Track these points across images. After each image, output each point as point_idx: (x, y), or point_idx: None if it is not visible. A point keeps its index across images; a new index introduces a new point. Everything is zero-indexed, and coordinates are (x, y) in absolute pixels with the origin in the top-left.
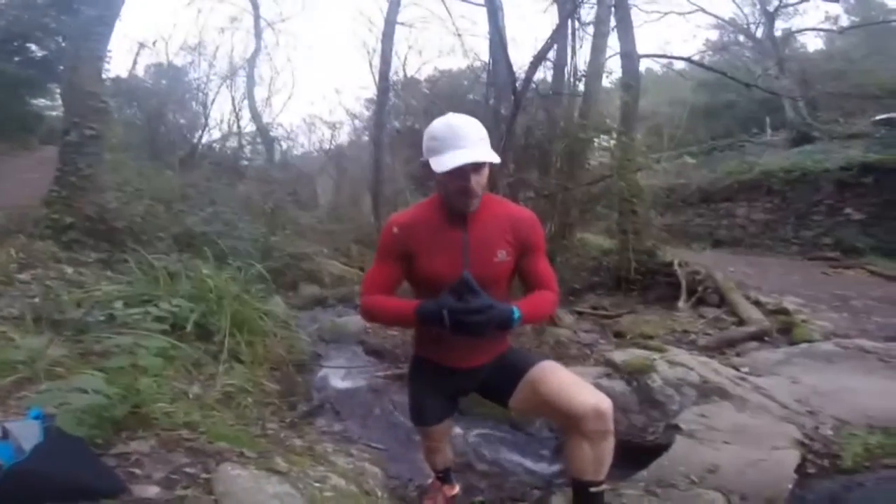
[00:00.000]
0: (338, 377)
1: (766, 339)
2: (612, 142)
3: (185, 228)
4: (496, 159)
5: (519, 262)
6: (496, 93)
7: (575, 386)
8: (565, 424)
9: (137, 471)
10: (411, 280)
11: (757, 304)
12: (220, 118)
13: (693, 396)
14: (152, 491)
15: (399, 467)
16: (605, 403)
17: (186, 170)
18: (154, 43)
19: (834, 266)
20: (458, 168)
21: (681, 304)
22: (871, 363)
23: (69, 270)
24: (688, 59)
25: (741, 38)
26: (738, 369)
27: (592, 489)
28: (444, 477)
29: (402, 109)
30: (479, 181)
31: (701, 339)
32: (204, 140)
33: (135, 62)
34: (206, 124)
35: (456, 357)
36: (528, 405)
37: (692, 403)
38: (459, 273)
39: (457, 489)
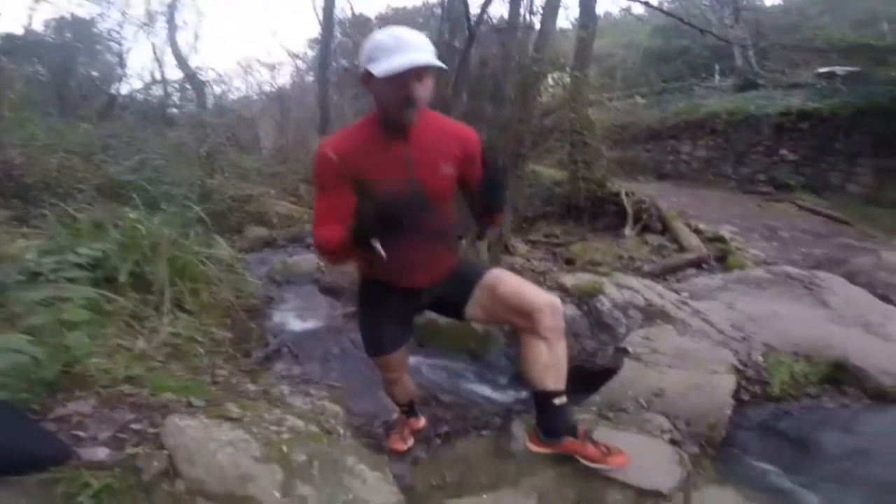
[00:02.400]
0: (294, 319)
1: (704, 266)
2: (566, 78)
3: (109, 179)
4: (442, 65)
5: (462, 175)
6: (451, 27)
7: (529, 286)
8: (522, 324)
9: (81, 433)
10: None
11: (697, 231)
12: (141, 67)
13: (639, 319)
14: (102, 453)
15: (363, 405)
16: (557, 301)
17: (106, 122)
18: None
19: (767, 199)
20: (402, 74)
21: (627, 231)
22: (797, 290)
23: None
24: (646, 3)
25: None
26: (679, 294)
27: (556, 401)
28: (408, 410)
29: (350, 48)
30: (422, 91)
31: (646, 266)
32: (124, 91)
33: (30, 17)
34: (123, 74)
35: (406, 275)
36: (485, 311)
37: (638, 326)
38: (405, 194)
39: (423, 422)
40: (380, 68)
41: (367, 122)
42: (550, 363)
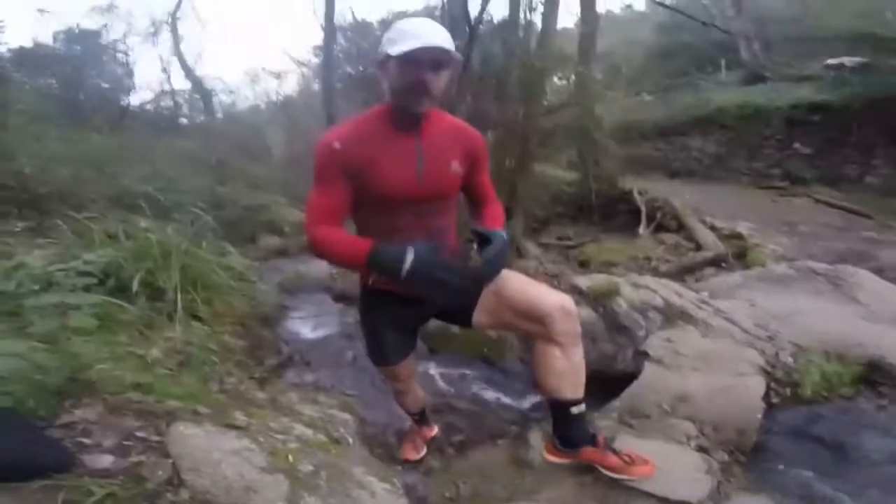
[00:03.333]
0: (307, 327)
1: (723, 264)
2: (571, 76)
3: (121, 189)
4: (458, 55)
5: (466, 177)
6: (451, 27)
7: (537, 286)
8: (533, 330)
9: (86, 440)
10: (356, 201)
11: (713, 228)
12: (147, 79)
13: (658, 321)
14: (106, 460)
15: (376, 413)
16: (570, 302)
17: (117, 133)
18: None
19: (782, 194)
20: (418, 59)
21: (641, 230)
22: (821, 285)
23: None
24: None
25: None
26: (698, 293)
27: (574, 409)
28: (420, 419)
29: (354, 54)
30: (436, 81)
31: (662, 266)
32: (135, 102)
33: (38, 31)
34: (132, 85)
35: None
36: (493, 317)
37: (658, 328)
38: (413, 188)
39: (436, 430)
40: (396, 49)
41: (376, 114)
42: (566, 370)
